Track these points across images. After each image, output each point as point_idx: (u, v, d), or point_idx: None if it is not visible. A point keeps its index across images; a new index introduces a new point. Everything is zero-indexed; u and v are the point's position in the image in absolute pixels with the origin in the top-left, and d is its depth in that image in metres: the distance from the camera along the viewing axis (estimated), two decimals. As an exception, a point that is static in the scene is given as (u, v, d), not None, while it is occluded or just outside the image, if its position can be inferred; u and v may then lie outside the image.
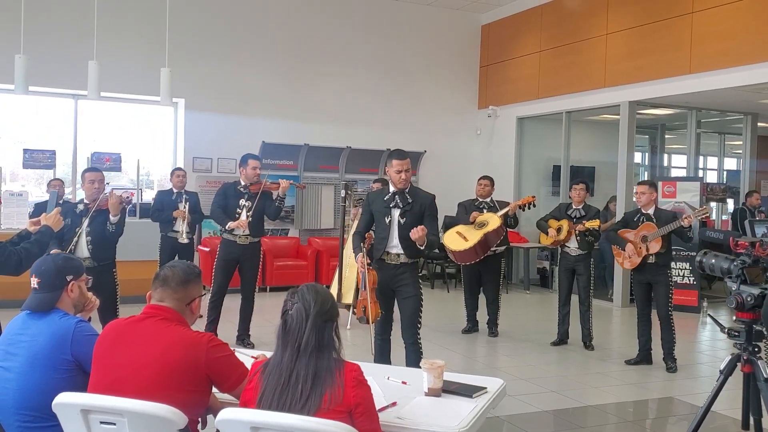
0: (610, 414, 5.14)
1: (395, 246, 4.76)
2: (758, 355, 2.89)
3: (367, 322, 4.81)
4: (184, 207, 7.82)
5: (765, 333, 2.85)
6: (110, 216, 5.23)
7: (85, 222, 5.24)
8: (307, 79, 10.96)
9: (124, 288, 5.56)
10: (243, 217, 6.33)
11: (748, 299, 2.73)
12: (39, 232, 4.06)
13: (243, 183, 6.46)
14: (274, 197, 6.48)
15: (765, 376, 2.82)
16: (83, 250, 5.23)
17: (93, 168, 5.69)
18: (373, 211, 4.90)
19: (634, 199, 6.34)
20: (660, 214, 6.21)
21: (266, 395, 2.26)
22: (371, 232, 4.99)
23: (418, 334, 4.76)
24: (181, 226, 7.74)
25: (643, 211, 6.22)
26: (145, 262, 7.87)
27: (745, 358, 2.91)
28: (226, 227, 6.34)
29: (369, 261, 4.80)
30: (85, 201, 5.36)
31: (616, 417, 5.11)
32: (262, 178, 6.57)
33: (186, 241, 7.77)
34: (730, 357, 2.98)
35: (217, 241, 6.79)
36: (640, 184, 6.39)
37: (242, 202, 6.38)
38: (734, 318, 2.93)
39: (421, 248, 4.63)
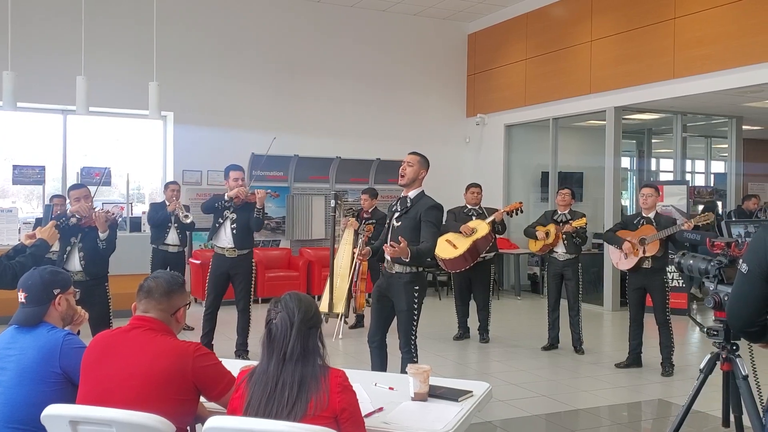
0: (601, 417, 5.18)
1: None
2: (737, 353, 2.94)
3: (355, 312, 4.81)
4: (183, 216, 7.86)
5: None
6: (99, 233, 5.27)
7: (76, 239, 5.27)
8: (295, 90, 11.01)
9: (116, 302, 5.55)
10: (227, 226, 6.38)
11: (725, 299, 2.79)
12: (34, 245, 4.08)
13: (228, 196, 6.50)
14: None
15: (743, 373, 2.87)
16: (75, 264, 5.26)
17: (78, 185, 5.69)
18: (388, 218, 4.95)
19: (640, 202, 6.36)
20: (660, 218, 6.21)
21: (253, 403, 2.29)
22: (370, 225, 4.98)
23: (412, 345, 4.73)
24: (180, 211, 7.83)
25: (644, 215, 6.23)
26: (136, 276, 7.85)
27: (724, 356, 2.96)
28: (227, 196, 6.39)
29: (367, 251, 4.85)
30: (77, 216, 5.39)
31: (607, 420, 5.15)
32: (253, 190, 6.58)
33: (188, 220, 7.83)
34: (709, 356, 3.03)
35: (209, 254, 6.81)
36: (645, 186, 6.41)
37: (227, 213, 6.43)
38: (713, 317, 2.99)
39: (407, 261, 4.49)
